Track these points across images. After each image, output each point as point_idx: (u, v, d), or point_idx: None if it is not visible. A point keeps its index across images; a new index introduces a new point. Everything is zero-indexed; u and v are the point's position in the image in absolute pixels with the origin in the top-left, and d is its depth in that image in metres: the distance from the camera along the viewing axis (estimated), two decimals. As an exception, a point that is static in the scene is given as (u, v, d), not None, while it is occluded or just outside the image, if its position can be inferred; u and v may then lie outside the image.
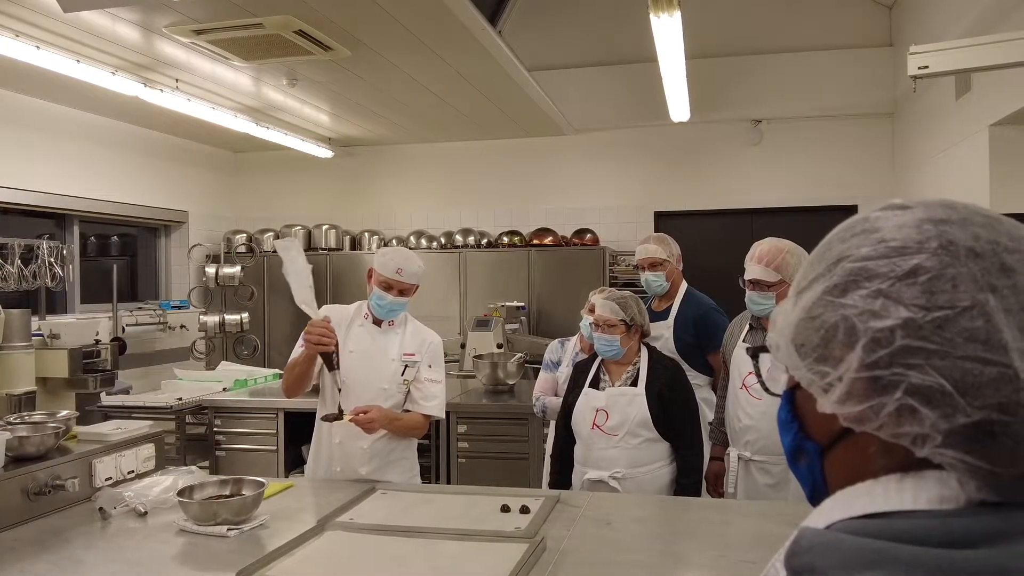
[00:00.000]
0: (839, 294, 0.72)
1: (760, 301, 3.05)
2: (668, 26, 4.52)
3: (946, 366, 0.66)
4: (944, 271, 0.68)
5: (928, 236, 0.70)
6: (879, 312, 0.69)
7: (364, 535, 2.33)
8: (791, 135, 7.25)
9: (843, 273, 0.72)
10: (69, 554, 2.25)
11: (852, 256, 0.73)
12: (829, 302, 0.73)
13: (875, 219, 0.74)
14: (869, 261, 0.71)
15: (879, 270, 0.70)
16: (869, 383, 0.69)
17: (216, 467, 4.99)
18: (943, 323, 0.67)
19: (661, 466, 3.06)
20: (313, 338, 2.79)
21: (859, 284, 0.71)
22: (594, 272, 6.91)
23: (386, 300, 3.00)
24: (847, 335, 0.70)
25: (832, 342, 0.72)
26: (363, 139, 7.79)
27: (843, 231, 0.77)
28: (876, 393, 0.69)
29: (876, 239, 0.72)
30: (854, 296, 0.71)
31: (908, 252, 0.70)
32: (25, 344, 4.79)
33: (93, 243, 7.08)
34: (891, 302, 0.69)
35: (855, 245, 0.73)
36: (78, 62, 4.74)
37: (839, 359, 0.71)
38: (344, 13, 4.31)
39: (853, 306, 0.70)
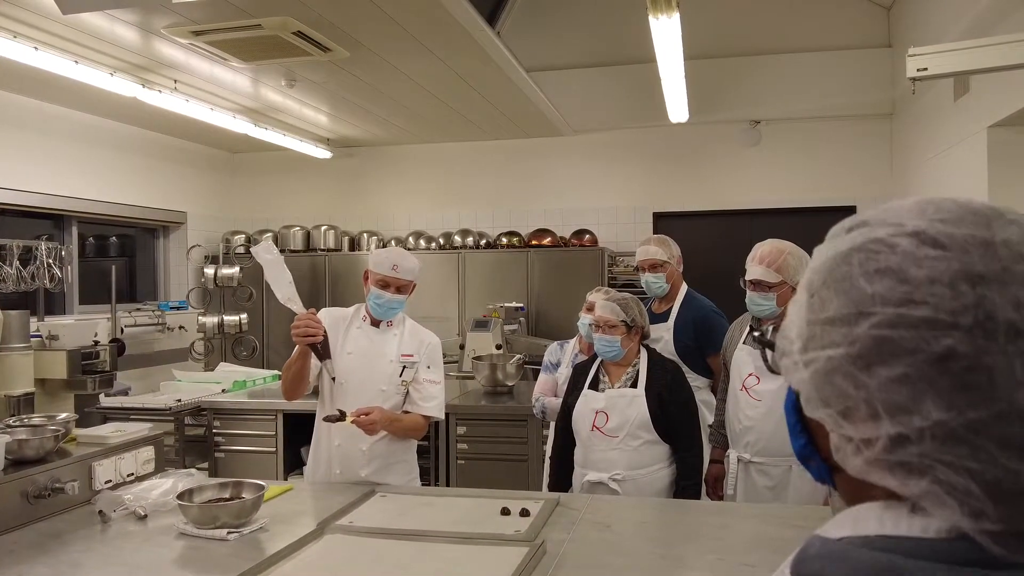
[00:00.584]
0: (862, 367, 0.65)
1: (761, 302, 3.06)
2: (667, 27, 4.52)
3: (978, 470, 0.61)
4: (980, 360, 0.61)
5: (964, 304, 0.62)
6: (907, 406, 0.63)
7: (363, 538, 2.33)
8: (790, 136, 7.25)
9: (866, 341, 0.65)
10: (68, 557, 2.25)
11: (876, 317, 0.64)
12: (850, 373, 0.66)
13: (904, 256, 0.65)
14: (895, 331, 0.63)
15: (906, 345, 0.63)
16: (895, 464, 0.65)
17: (215, 468, 4.99)
18: (977, 427, 0.61)
19: (661, 468, 3.06)
20: (300, 331, 2.81)
21: (884, 360, 0.64)
22: (593, 273, 6.91)
23: (384, 298, 3.01)
24: (871, 416, 0.65)
25: (855, 411, 0.66)
26: (362, 140, 7.78)
27: (866, 258, 0.67)
28: (901, 474, 0.65)
29: (904, 294, 0.64)
30: (879, 375, 0.64)
31: (940, 327, 0.62)
32: (24, 345, 4.78)
33: (92, 244, 7.08)
34: (919, 394, 0.62)
35: (880, 295, 0.65)
36: (76, 63, 4.73)
37: (859, 425, 0.66)
38: (342, 14, 4.31)
39: (877, 390, 0.64)
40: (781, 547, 2.18)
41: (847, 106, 6.94)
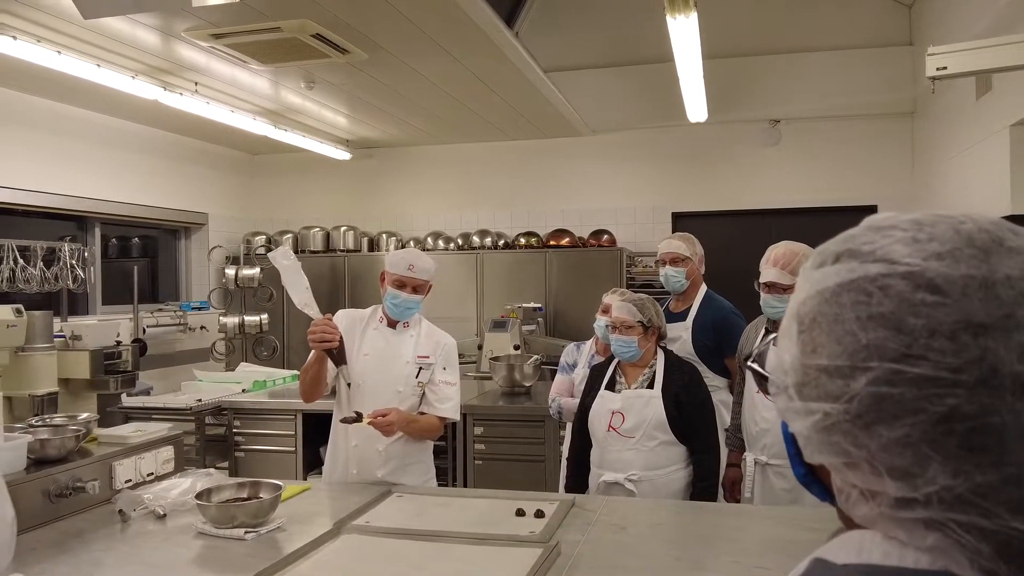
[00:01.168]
0: (862, 427, 0.62)
1: (775, 304, 3.05)
2: (684, 27, 4.51)
3: (989, 529, 0.59)
4: (987, 420, 0.58)
5: (967, 360, 0.59)
6: (911, 470, 0.60)
7: (379, 538, 2.35)
8: (810, 135, 7.20)
9: (865, 399, 0.62)
10: (89, 556, 2.28)
11: (874, 373, 0.61)
12: (850, 433, 0.63)
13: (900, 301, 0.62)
14: (895, 389, 0.60)
15: (907, 404, 0.60)
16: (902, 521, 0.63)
17: (235, 468, 5.03)
18: (986, 492, 0.59)
19: (677, 469, 3.06)
20: (316, 336, 2.83)
21: (884, 420, 0.61)
22: (611, 273, 6.89)
23: (400, 298, 3.02)
24: (875, 473, 0.63)
25: (856, 468, 0.64)
26: (380, 141, 7.81)
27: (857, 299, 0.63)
28: (910, 526, 0.62)
29: (902, 346, 0.60)
30: (880, 435, 0.61)
31: (942, 385, 0.59)
32: (47, 345, 4.83)
33: (114, 245, 7.15)
34: (924, 458, 0.60)
35: (876, 347, 0.61)
36: (98, 67, 4.79)
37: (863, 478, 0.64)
38: (361, 17, 4.33)
39: (880, 451, 0.61)
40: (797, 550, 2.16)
41: (868, 105, 6.88)
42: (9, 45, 4.24)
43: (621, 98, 7.34)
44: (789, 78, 7.03)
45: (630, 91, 7.29)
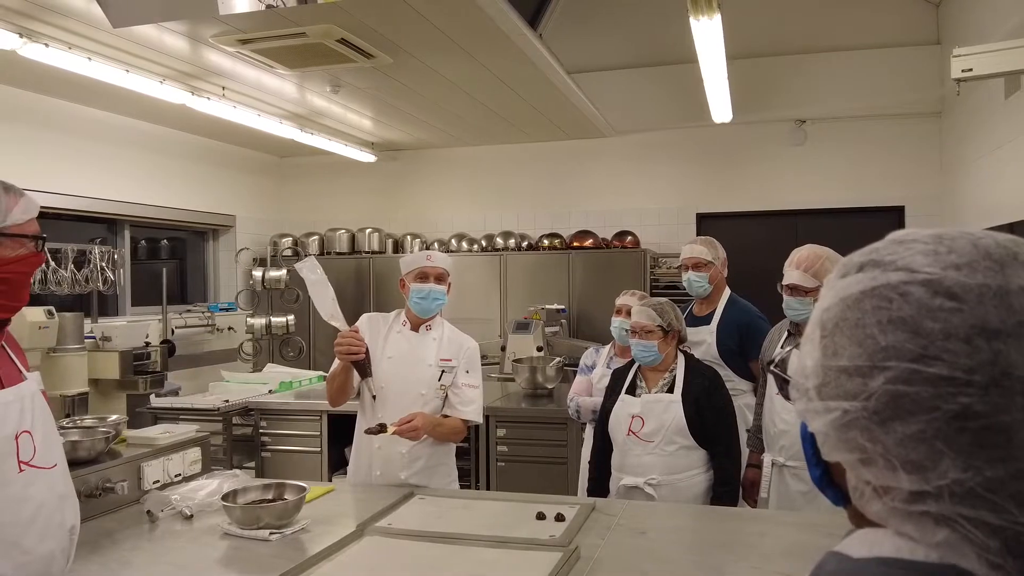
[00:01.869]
0: (879, 423, 0.65)
1: (798, 307, 3.05)
2: (708, 29, 4.51)
3: (998, 525, 0.61)
4: (997, 418, 0.61)
5: (980, 361, 0.62)
6: (924, 463, 0.63)
7: (401, 540, 2.37)
8: (836, 135, 7.15)
9: (882, 396, 0.65)
10: (118, 556, 2.33)
11: (892, 372, 0.64)
12: (867, 428, 0.66)
13: (918, 307, 0.65)
14: (912, 388, 0.63)
15: (923, 403, 0.63)
16: (914, 515, 0.65)
17: (262, 468, 5.09)
18: (995, 487, 0.61)
19: (697, 473, 3.06)
20: (343, 348, 2.87)
21: (900, 416, 0.64)
22: (635, 275, 6.89)
23: (425, 289, 3.05)
24: (889, 468, 0.65)
25: (874, 462, 0.67)
26: (405, 143, 7.86)
27: (879, 305, 0.67)
28: (921, 522, 0.65)
29: (918, 348, 0.63)
30: (895, 431, 0.64)
31: (956, 384, 0.62)
32: (78, 346, 4.93)
33: (143, 247, 7.26)
34: (937, 452, 0.62)
35: (895, 348, 0.64)
36: (127, 72, 4.87)
37: (878, 474, 0.67)
38: (385, 21, 4.37)
39: (895, 446, 0.64)
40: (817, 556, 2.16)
41: (895, 105, 6.82)
42: (41, 52, 4.33)
43: (645, 99, 7.33)
44: (815, 78, 6.98)
45: (654, 92, 7.28)
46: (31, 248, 1.87)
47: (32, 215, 1.88)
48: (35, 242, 1.88)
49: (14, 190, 1.86)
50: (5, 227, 1.81)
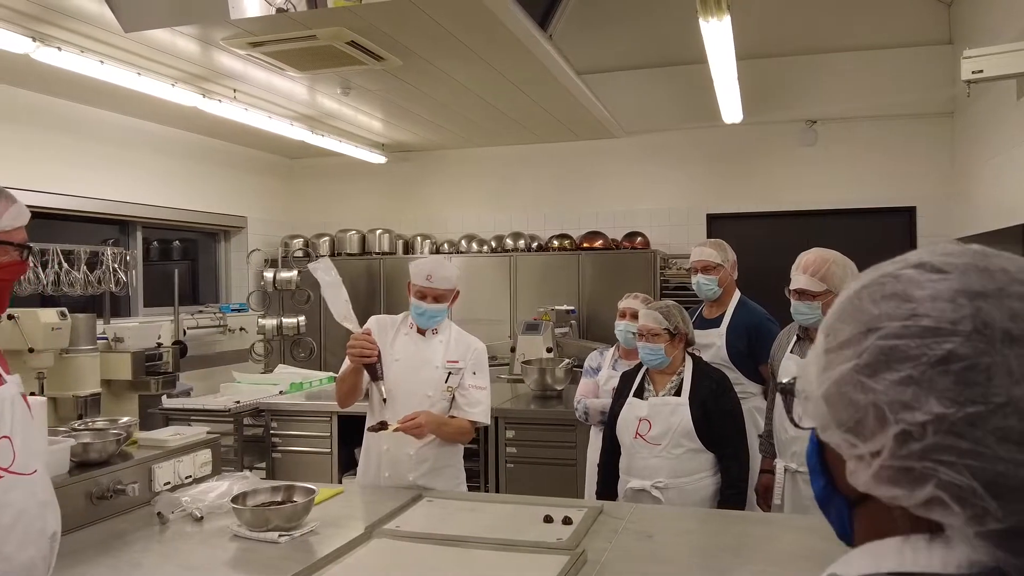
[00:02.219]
0: (869, 374, 0.70)
1: (806, 311, 3.04)
2: (717, 30, 4.50)
3: (978, 466, 0.64)
4: (978, 360, 0.66)
5: (963, 315, 0.67)
6: (910, 403, 0.67)
7: (409, 543, 2.39)
8: (847, 136, 7.12)
9: (873, 350, 0.70)
10: (129, 557, 2.35)
11: (883, 330, 0.70)
12: (859, 381, 0.70)
13: (908, 281, 0.72)
14: (900, 340, 0.69)
15: (910, 352, 0.68)
16: (900, 471, 0.68)
17: (272, 468, 5.12)
18: (975, 420, 0.65)
19: (704, 477, 3.06)
20: (355, 351, 2.88)
21: (890, 366, 0.69)
22: (645, 275, 6.88)
23: (421, 308, 3.06)
24: (877, 420, 0.69)
25: (863, 421, 0.70)
26: (415, 145, 7.88)
27: (874, 288, 0.74)
28: (907, 482, 0.68)
29: (908, 310, 0.69)
30: (884, 379, 0.69)
31: (941, 334, 0.67)
32: (91, 347, 4.96)
33: (155, 248, 7.30)
34: (923, 392, 0.66)
35: (887, 314, 0.71)
36: (139, 75, 4.90)
37: (870, 436, 0.70)
38: (395, 24, 4.38)
39: (883, 392, 0.68)
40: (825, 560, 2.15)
41: (906, 105, 6.79)
42: (55, 56, 4.36)
43: (655, 99, 7.32)
44: (825, 78, 6.96)
45: (664, 92, 7.27)
46: (15, 256, 1.87)
47: (21, 223, 1.88)
48: (20, 251, 1.87)
49: (5, 196, 1.85)
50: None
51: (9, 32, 4.09)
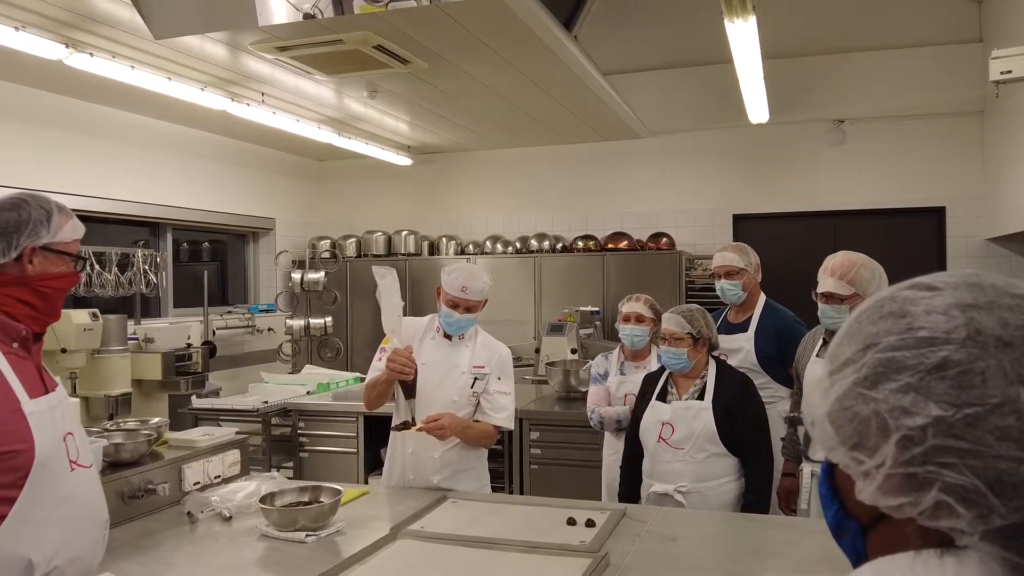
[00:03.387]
0: (869, 386, 0.72)
1: (833, 315, 3.02)
2: (743, 31, 4.48)
3: (980, 466, 0.66)
4: (973, 364, 0.68)
5: (956, 324, 0.70)
6: (909, 409, 0.69)
7: (433, 544, 2.41)
8: (875, 135, 7.06)
9: (872, 363, 0.73)
10: (160, 556, 2.40)
11: (881, 344, 0.73)
12: (860, 394, 0.73)
13: (904, 300, 0.75)
14: (897, 352, 0.71)
15: (908, 362, 0.70)
16: (904, 479, 0.70)
17: (300, 468, 5.17)
18: (974, 421, 0.67)
19: (728, 481, 3.04)
20: (396, 367, 2.88)
21: (889, 376, 0.71)
22: (670, 277, 6.86)
23: (453, 317, 3.08)
24: (880, 429, 0.71)
25: (866, 434, 0.72)
26: (441, 147, 7.92)
27: (873, 311, 0.77)
28: (912, 489, 0.69)
29: (904, 325, 0.73)
30: (884, 389, 0.71)
31: (936, 343, 0.70)
32: (121, 348, 5.03)
33: (185, 250, 7.40)
34: (921, 397, 0.69)
35: (884, 330, 0.74)
36: (169, 80, 4.98)
37: (874, 449, 0.72)
38: (421, 28, 4.41)
39: (884, 400, 0.71)
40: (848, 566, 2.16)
41: (935, 104, 6.72)
42: (87, 62, 4.44)
43: (680, 100, 7.29)
44: (853, 77, 6.90)
45: (689, 92, 7.24)
46: (70, 267, 1.97)
47: (77, 236, 1.99)
48: (76, 262, 1.99)
49: (65, 211, 1.97)
50: (53, 242, 1.91)
51: (43, 39, 4.17)
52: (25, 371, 1.84)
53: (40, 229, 1.88)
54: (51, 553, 1.77)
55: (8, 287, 1.86)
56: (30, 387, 1.82)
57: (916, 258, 6.77)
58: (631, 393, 3.53)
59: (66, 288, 1.98)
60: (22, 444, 1.73)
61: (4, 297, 1.86)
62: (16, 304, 1.87)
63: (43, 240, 1.89)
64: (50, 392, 1.89)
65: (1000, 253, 6.64)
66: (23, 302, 1.88)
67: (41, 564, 1.75)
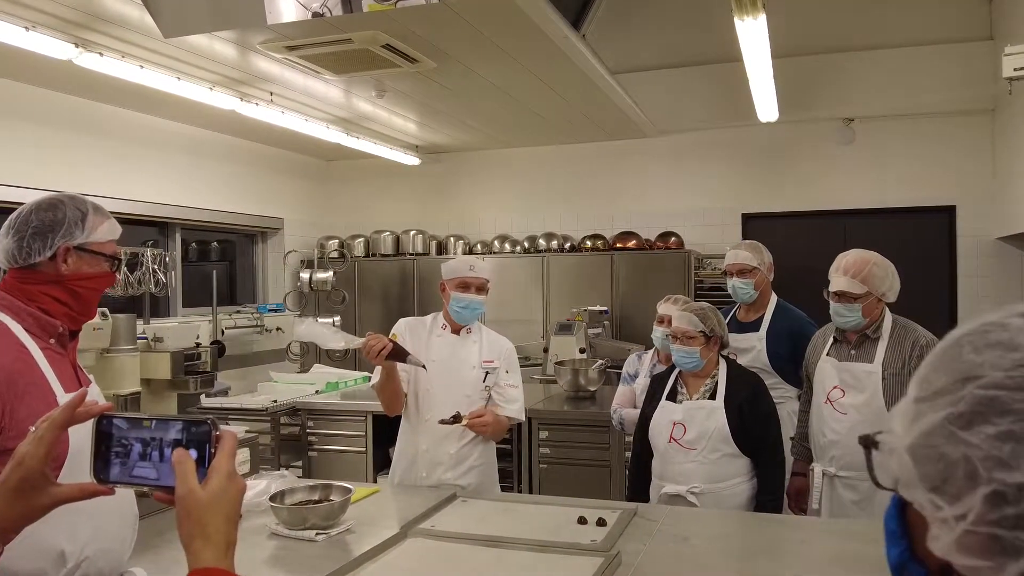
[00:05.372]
0: (963, 425, 0.64)
1: (845, 313, 3.01)
2: (753, 29, 4.46)
3: None
4: None
5: None
6: (1007, 461, 0.61)
7: (444, 543, 2.40)
8: (885, 134, 7.02)
9: (971, 400, 0.64)
10: (169, 554, 2.39)
11: (984, 380, 0.64)
12: (951, 433, 0.64)
13: (1017, 330, 0.66)
14: (1002, 391, 0.63)
15: (1013, 406, 0.62)
16: (989, 540, 0.62)
17: (309, 467, 5.18)
18: None
19: (740, 482, 3.02)
20: (371, 352, 2.93)
21: (988, 419, 0.63)
22: (679, 276, 6.84)
23: (466, 300, 3.11)
24: (968, 477, 0.63)
25: (952, 478, 0.64)
26: (448, 146, 7.92)
27: (977, 336, 0.68)
28: (996, 554, 0.62)
29: (1014, 361, 0.64)
30: (980, 433, 0.63)
31: None
32: (131, 347, 5.04)
33: (194, 249, 7.40)
34: (1023, 450, 0.61)
35: (990, 363, 0.65)
36: (178, 80, 4.98)
37: (958, 497, 0.64)
38: (429, 27, 4.41)
39: (978, 446, 0.62)
40: (862, 566, 2.14)
41: (946, 102, 6.68)
42: (96, 61, 4.45)
43: (689, 98, 7.27)
44: (863, 75, 6.86)
45: (698, 91, 7.21)
46: (106, 268, 2.01)
47: (113, 237, 2.03)
48: (111, 262, 2.02)
49: (101, 211, 2.01)
50: (88, 242, 1.95)
51: (53, 39, 4.18)
52: (61, 367, 1.89)
53: (75, 229, 1.93)
54: (83, 543, 1.82)
55: (44, 285, 1.91)
56: (65, 382, 1.87)
57: (926, 258, 6.74)
58: None
59: (101, 288, 2.02)
60: None
61: (40, 295, 1.91)
62: (52, 302, 1.92)
63: (77, 240, 1.93)
64: (83, 387, 1.91)
65: (1011, 252, 6.61)
66: (58, 300, 1.92)
67: (73, 554, 1.80)
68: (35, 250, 1.89)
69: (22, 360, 1.81)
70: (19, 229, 1.91)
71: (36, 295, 1.90)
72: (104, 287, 2.04)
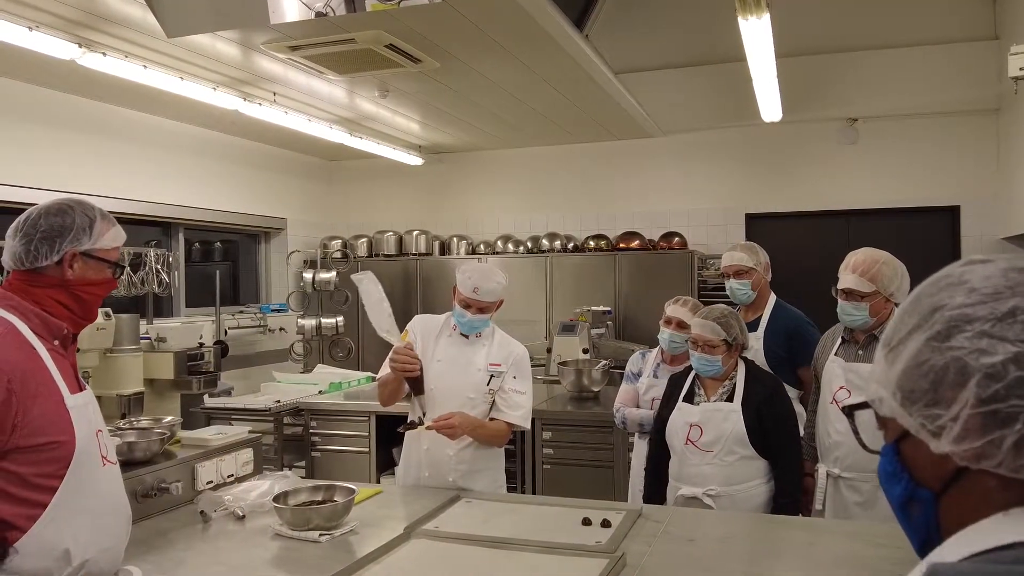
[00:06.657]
0: (943, 339, 0.77)
1: (853, 312, 2.99)
2: (757, 28, 4.45)
3: None
4: None
5: (1016, 282, 0.76)
6: (987, 350, 0.73)
7: (448, 544, 2.39)
8: (889, 134, 7.01)
9: (943, 321, 0.77)
10: (173, 555, 2.39)
11: (948, 305, 0.78)
12: (935, 347, 0.77)
13: (960, 273, 0.80)
14: (966, 308, 0.76)
15: (978, 314, 0.75)
16: (986, 418, 0.72)
17: (312, 467, 5.17)
18: None
19: (758, 484, 2.99)
20: (399, 365, 2.90)
21: (961, 328, 0.76)
22: (682, 276, 6.83)
23: (465, 318, 3.07)
24: (958, 374, 0.74)
25: (942, 384, 0.76)
26: (452, 146, 7.91)
27: (930, 286, 0.82)
28: (995, 427, 0.72)
29: (967, 289, 0.78)
30: (959, 339, 0.75)
31: (1002, 296, 0.75)
32: (134, 347, 5.04)
33: (197, 249, 7.41)
34: (996, 340, 0.73)
35: (947, 296, 0.79)
36: (182, 80, 4.98)
37: (951, 400, 0.75)
38: (432, 27, 4.40)
39: (960, 347, 0.75)
40: (868, 567, 2.13)
41: (950, 102, 6.66)
42: (99, 61, 4.45)
43: (692, 98, 7.25)
44: (867, 75, 6.84)
45: (701, 91, 7.19)
46: (108, 274, 2.04)
47: (118, 244, 2.06)
48: (114, 269, 2.05)
49: (108, 218, 2.04)
50: (93, 249, 1.98)
51: (56, 39, 4.17)
52: (64, 368, 1.91)
53: (82, 235, 1.95)
54: (86, 542, 1.86)
55: (48, 289, 1.94)
56: (68, 383, 1.90)
57: (930, 258, 6.65)
58: (659, 398, 3.42)
59: (103, 294, 2.06)
60: (64, 436, 1.82)
61: (44, 298, 1.93)
62: (55, 305, 1.94)
63: (84, 246, 1.96)
64: (83, 390, 1.96)
65: (1015, 253, 6.59)
66: (61, 304, 1.95)
67: (78, 554, 1.84)
68: (42, 254, 1.92)
69: (32, 360, 1.83)
70: (27, 232, 1.93)
71: (40, 298, 1.92)
72: (106, 293, 2.07)
